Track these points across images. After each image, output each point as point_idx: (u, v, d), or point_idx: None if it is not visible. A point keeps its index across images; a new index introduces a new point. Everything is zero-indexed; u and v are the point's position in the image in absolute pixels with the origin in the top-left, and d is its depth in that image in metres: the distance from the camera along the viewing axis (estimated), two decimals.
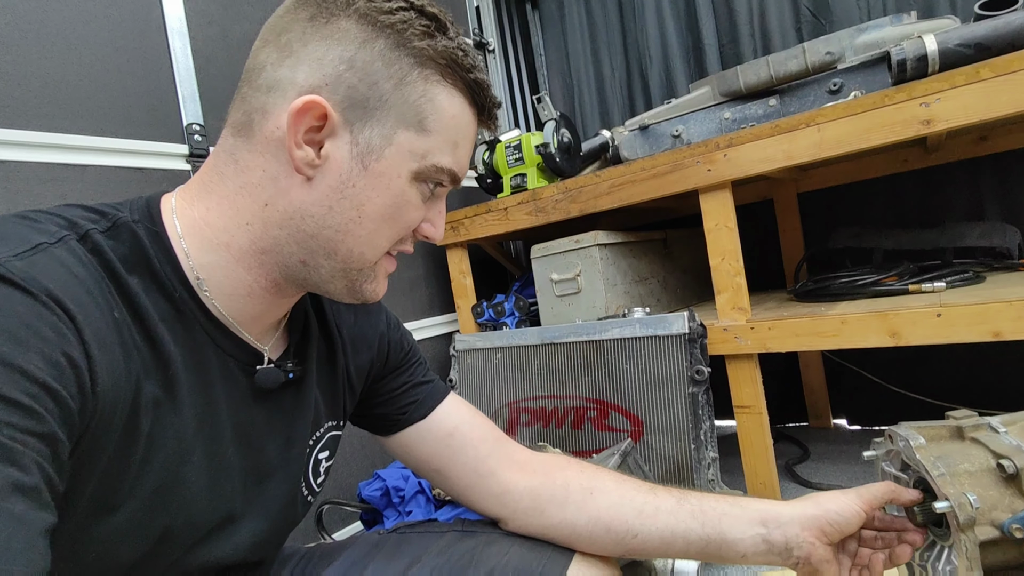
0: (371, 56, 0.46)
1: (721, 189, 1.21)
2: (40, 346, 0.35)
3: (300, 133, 0.45)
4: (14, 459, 0.32)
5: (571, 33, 2.16)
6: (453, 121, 0.50)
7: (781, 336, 1.17)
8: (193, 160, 1.25)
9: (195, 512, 0.49)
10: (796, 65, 1.20)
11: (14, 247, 0.38)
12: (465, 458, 0.64)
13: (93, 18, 1.12)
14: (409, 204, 0.50)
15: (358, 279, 0.51)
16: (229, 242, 0.48)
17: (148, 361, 0.44)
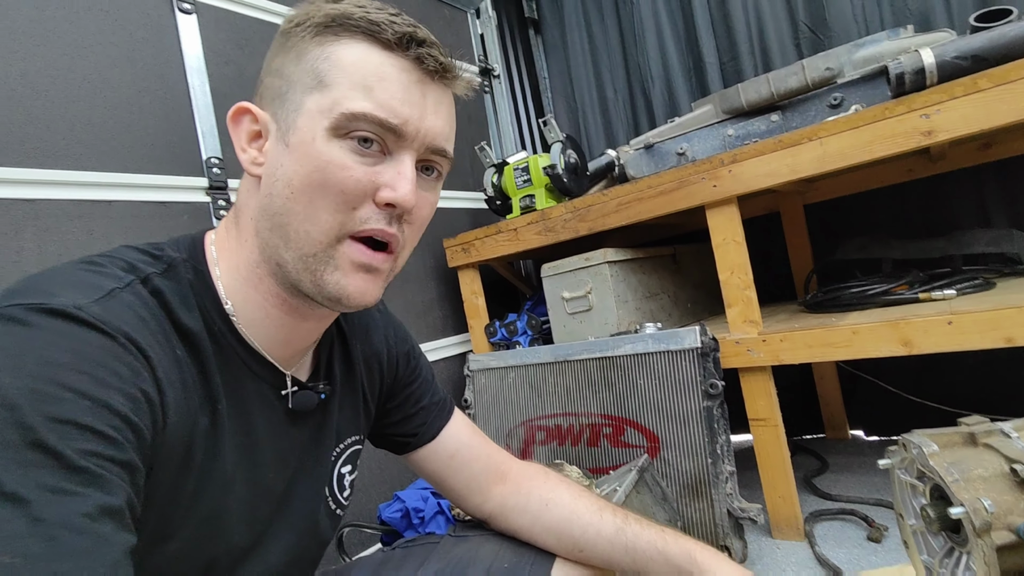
0: (281, 55, 0.50)
1: (728, 204, 1.23)
2: (120, 384, 0.39)
3: (242, 139, 0.51)
4: (102, 484, 0.35)
5: (574, 57, 2.21)
6: (354, 67, 0.47)
7: (793, 348, 1.17)
8: (212, 192, 1.29)
9: (235, 537, 0.51)
10: (796, 81, 1.22)
11: (90, 293, 0.41)
12: (461, 475, 0.71)
13: (117, 63, 1.17)
14: (332, 164, 0.47)
15: (317, 268, 0.48)
16: (238, 264, 0.52)
17: (202, 396, 0.47)
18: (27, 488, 0.33)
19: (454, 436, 0.72)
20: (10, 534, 0.32)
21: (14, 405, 0.34)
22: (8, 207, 1.00)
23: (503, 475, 0.73)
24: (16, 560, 0.31)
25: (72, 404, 0.36)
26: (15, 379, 0.35)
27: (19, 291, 0.40)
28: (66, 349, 0.38)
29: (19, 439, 0.34)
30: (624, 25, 2.07)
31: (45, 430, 0.35)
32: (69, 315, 0.39)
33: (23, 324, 0.38)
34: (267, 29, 1.46)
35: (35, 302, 0.39)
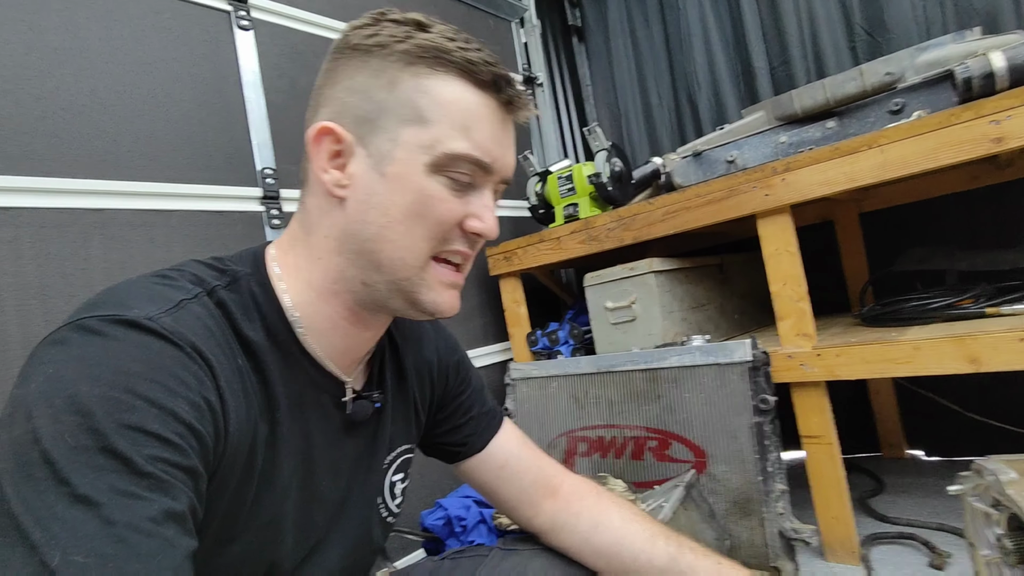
0: (364, 76, 0.50)
1: (780, 213, 1.20)
2: (186, 392, 0.41)
3: (323, 159, 0.51)
4: (167, 490, 0.37)
5: (617, 64, 2.19)
6: (454, 105, 0.49)
7: (850, 363, 1.13)
8: (265, 202, 1.33)
9: (292, 543, 0.53)
10: (854, 87, 1.18)
11: (161, 305, 0.44)
12: (511, 487, 0.71)
13: (179, 78, 1.22)
14: (433, 198, 0.50)
15: (411, 289, 0.52)
16: (310, 279, 0.53)
17: (262, 404, 0.49)
18: (99, 492, 0.35)
19: (504, 447, 0.72)
20: (84, 535, 0.33)
21: (90, 412, 0.36)
22: (79, 216, 1.05)
23: (554, 489, 0.72)
24: (89, 560, 0.33)
25: (142, 412, 0.38)
26: (92, 387, 0.37)
27: (97, 304, 0.43)
28: (138, 359, 0.40)
29: (92, 444, 0.36)
30: (670, 31, 2.04)
31: (117, 436, 0.36)
32: (141, 326, 0.41)
33: (100, 335, 0.40)
34: (319, 42, 1.50)
35: (110, 314, 0.41)
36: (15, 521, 0.33)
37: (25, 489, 0.34)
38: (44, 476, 0.34)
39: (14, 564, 0.32)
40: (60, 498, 0.34)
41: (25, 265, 0.99)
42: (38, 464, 0.35)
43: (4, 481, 0.35)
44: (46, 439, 0.35)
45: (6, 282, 0.96)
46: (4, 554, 0.33)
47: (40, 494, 0.34)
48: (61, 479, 0.34)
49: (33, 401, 0.37)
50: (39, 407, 0.36)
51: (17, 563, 0.32)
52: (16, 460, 0.35)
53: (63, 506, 0.34)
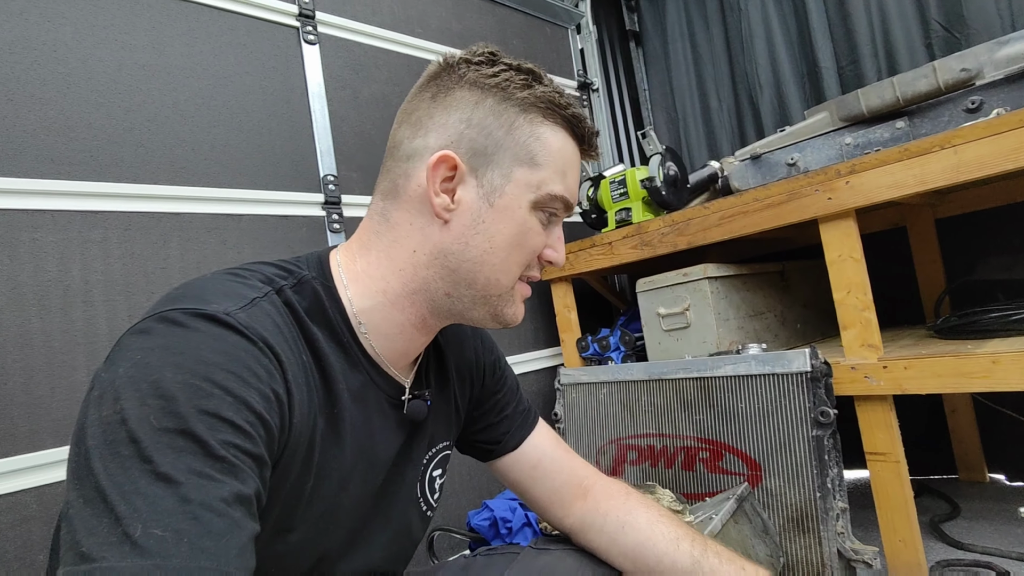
0: (483, 112, 0.54)
1: (844, 218, 1.15)
2: (257, 384, 0.44)
3: (437, 183, 0.54)
4: (237, 474, 0.40)
5: (676, 68, 2.16)
6: (559, 153, 0.56)
7: (920, 376, 1.06)
8: (327, 207, 1.39)
9: (343, 533, 0.56)
10: (926, 85, 1.11)
11: (237, 302, 0.47)
12: (543, 487, 0.72)
13: (252, 91, 1.30)
14: (532, 231, 0.57)
15: (498, 304, 0.58)
16: (386, 288, 0.56)
17: (323, 399, 0.52)
18: (178, 471, 0.37)
19: (537, 447, 0.73)
20: (163, 510, 0.36)
21: (173, 396, 0.39)
22: (159, 220, 1.14)
23: (586, 491, 0.73)
24: (167, 534, 0.35)
25: (219, 399, 0.41)
26: (175, 374, 0.40)
27: (178, 297, 0.46)
28: (217, 350, 0.43)
29: (174, 426, 0.38)
30: (731, 33, 2.00)
31: (196, 420, 0.39)
32: (220, 320, 0.44)
33: (182, 326, 0.43)
34: (379, 54, 1.56)
35: (192, 307, 0.44)
36: (102, 494, 0.36)
37: (112, 465, 0.37)
38: (130, 454, 0.37)
39: (100, 532, 0.35)
40: (143, 475, 0.37)
41: (113, 263, 1.08)
42: (124, 443, 0.38)
43: (93, 456, 0.38)
44: (132, 420, 0.38)
45: (96, 279, 1.06)
46: (91, 523, 0.36)
47: (125, 470, 0.37)
48: (145, 457, 0.37)
49: (121, 385, 0.40)
50: (127, 390, 0.39)
51: (103, 532, 0.35)
52: (104, 438, 0.38)
53: (146, 482, 0.36)
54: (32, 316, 0.99)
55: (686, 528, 0.70)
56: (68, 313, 1.02)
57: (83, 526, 0.36)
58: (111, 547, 0.34)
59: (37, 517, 0.95)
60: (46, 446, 0.96)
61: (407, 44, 1.62)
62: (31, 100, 1.03)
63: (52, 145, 1.04)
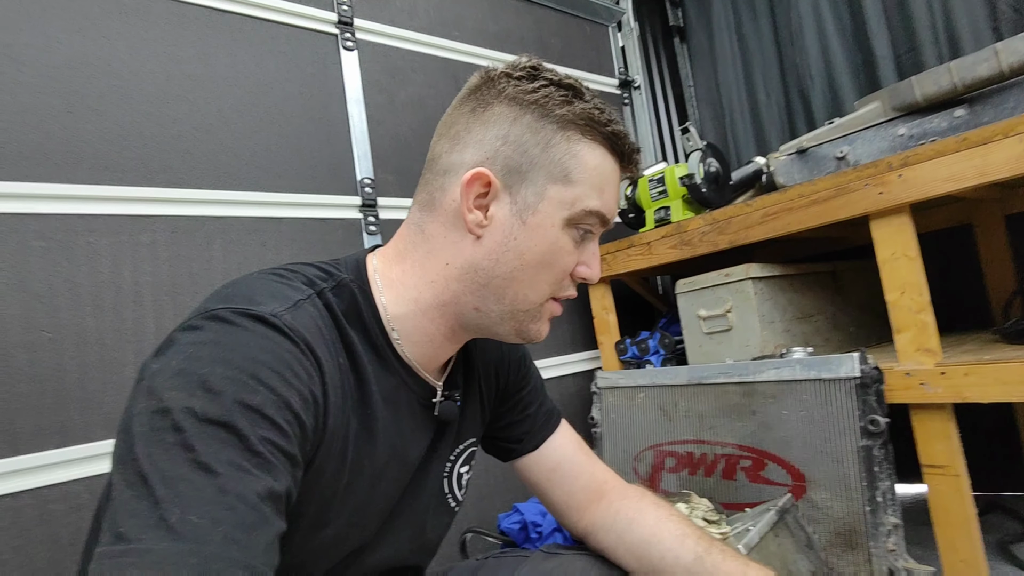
0: (521, 129, 0.54)
1: (897, 214, 1.07)
2: (298, 384, 0.45)
3: (471, 200, 0.54)
4: (271, 470, 0.41)
5: (722, 62, 2.09)
6: (596, 171, 0.56)
7: (982, 383, 0.98)
8: (364, 210, 1.42)
9: (373, 526, 0.57)
10: (987, 69, 1.03)
11: (283, 303, 0.48)
12: (561, 490, 0.71)
13: (292, 97, 1.34)
14: (562, 250, 0.56)
15: (524, 320, 0.58)
16: (417, 297, 0.57)
17: (357, 401, 0.53)
18: (219, 462, 0.39)
19: (557, 449, 0.73)
20: (201, 498, 0.37)
21: (220, 391, 0.41)
22: (203, 223, 1.19)
23: (602, 494, 0.72)
24: (203, 521, 0.36)
25: (263, 396, 0.42)
26: (224, 369, 0.42)
27: (228, 297, 0.48)
28: (264, 349, 0.44)
29: (217, 418, 0.40)
30: (779, 24, 1.91)
31: (238, 414, 0.40)
32: (267, 321, 0.46)
33: (232, 324, 0.45)
34: (416, 58, 1.58)
35: (241, 307, 0.46)
36: (143, 478, 0.38)
37: (155, 451, 0.39)
38: (173, 442, 0.39)
39: (140, 513, 0.37)
40: (185, 462, 0.38)
41: (160, 265, 1.13)
42: (169, 430, 0.39)
43: (137, 442, 0.39)
44: (178, 410, 0.40)
45: (145, 280, 1.11)
46: (131, 505, 0.37)
47: (168, 457, 0.38)
48: (187, 446, 0.39)
49: (170, 377, 0.41)
50: (176, 382, 0.41)
51: (143, 513, 0.37)
52: (150, 425, 0.40)
53: (187, 470, 0.38)
54: (87, 315, 1.04)
55: (694, 527, 0.68)
56: (120, 312, 1.08)
57: (123, 508, 0.37)
58: (148, 529, 0.36)
59: (88, 506, 1.00)
60: (98, 438, 1.02)
61: (443, 47, 1.63)
62: (89, 112, 1.09)
63: (107, 153, 1.10)
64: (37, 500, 0.96)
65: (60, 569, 0.96)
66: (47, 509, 0.96)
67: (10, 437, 0.95)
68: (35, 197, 1.02)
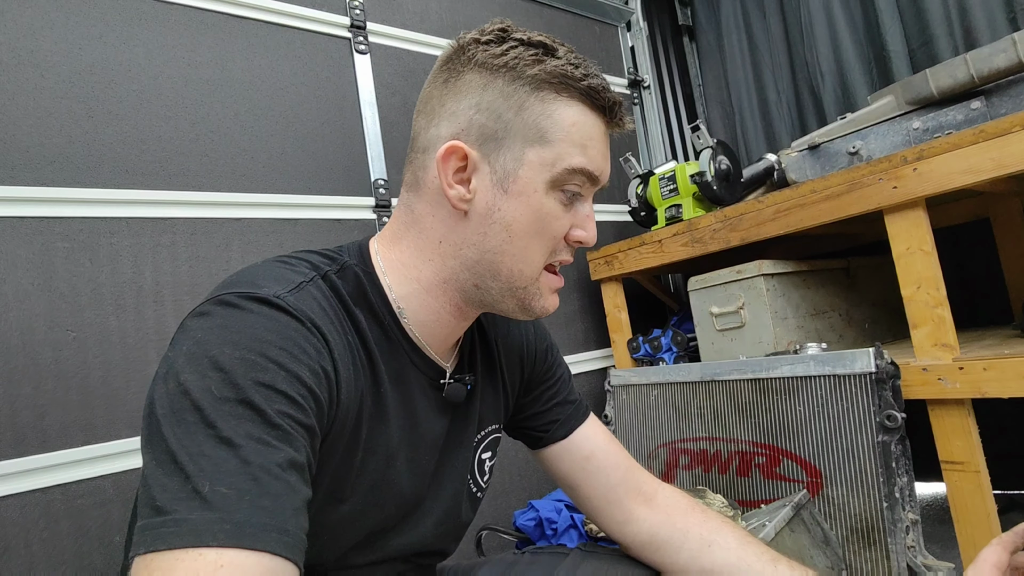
0: (492, 95, 0.52)
1: (912, 208, 1.07)
2: (308, 360, 0.46)
3: (449, 175, 0.54)
4: (291, 441, 0.42)
5: (731, 60, 2.09)
6: (575, 127, 0.53)
7: (1001, 378, 0.97)
8: (378, 210, 1.43)
9: (395, 507, 0.58)
10: (1005, 60, 1.02)
11: (285, 286, 0.50)
12: (596, 483, 0.69)
13: (306, 100, 1.36)
14: (550, 215, 0.54)
15: (525, 296, 0.56)
16: (419, 276, 0.57)
17: (368, 379, 0.54)
18: (239, 436, 0.40)
19: (589, 438, 0.71)
20: (227, 470, 0.39)
21: (231, 370, 0.42)
22: (222, 225, 1.21)
23: (648, 497, 0.69)
24: (231, 492, 0.38)
25: (273, 373, 0.43)
26: (233, 350, 0.43)
27: (233, 283, 0.50)
28: (270, 328, 0.46)
29: (233, 396, 0.42)
30: (789, 21, 1.91)
31: (253, 391, 0.42)
32: (271, 302, 0.47)
33: (238, 308, 0.46)
34: (428, 61, 1.59)
35: (245, 291, 0.47)
36: (172, 456, 0.40)
37: (179, 431, 0.40)
38: (194, 421, 0.41)
39: (172, 488, 0.39)
40: (208, 439, 0.40)
41: (180, 266, 1.15)
42: (189, 410, 0.41)
43: (163, 423, 0.41)
44: (195, 391, 0.42)
45: (165, 280, 1.13)
46: (163, 481, 0.39)
47: (192, 435, 0.40)
48: (208, 423, 0.40)
49: (184, 361, 0.43)
50: (189, 365, 0.43)
51: (174, 488, 0.39)
52: (171, 407, 0.42)
53: (210, 445, 0.40)
54: (110, 315, 1.07)
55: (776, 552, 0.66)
56: (141, 312, 1.10)
57: (157, 484, 0.39)
58: (181, 501, 0.38)
59: (114, 500, 1.02)
60: (122, 435, 1.04)
61: None
62: (109, 116, 1.12)
63: (127, 157, 1.12)
64: (65, 495, 0.98)
65: (87, 561, 0.98)
66: (74, 504, 0.98)
67: (40, 433, 0.97)
68: (59, 201, 1.04)
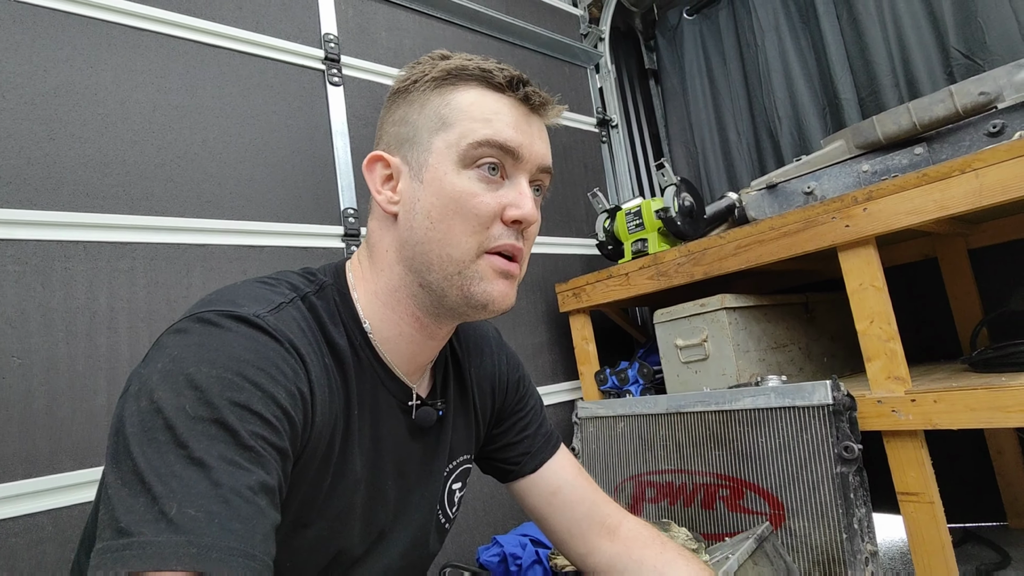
0: (404, 108, 0.57)
1: (863, 246, 1.12)
2: (284, 381, 0.46)
3: (377, 183, 0.57)
4: (263, 464, 0.42)
5: (694, 103, 2.18)
6: (474, 105, 0.54)
7: (952, 410, 1.00)
8: (347, 239, 1.43)
9: (358, 534, 0.56)
10: (943, 109, 1.09)
11: (265, 305, 0.50)
12: (562, 516, 0.69)
13: (277, 129, 1.37)
14: (465, 193, 0.53)
15: (463, 283, 0.54)
16: (376, 290, 0.58)
17: (342, 401, 0.53)
18: (211, 457, 0.39)
19: (558, 473, 0.72)
20: (196, 492, 0.38)
21: (207, 389, 0.41)
22: (185, 251, 1.19)
23: (611, 530, 0.70)
24: (199, 514, 0.37)
25: (249, 393, 0.43)
26: (209, 368, 0.43)
27: (212, 301, 0.49)
28: (247, 348, 0.45)
29: (207, 415, 0.41)
30: (748, 68, 2.01)
31: (227, 411, 0.41)
32: (250, 321, 0.47)
33: (216, 326, 0.46)
34: None
35: (225, 309, 0.47)
36: (140, 476, 0.38)
37: (149, 450, 0.39)
38: (166, 440, 0.40)
39: (137, 510, 0.37)
40: (179, 459, 0.39)
41: (138, 292, 1.12)
42: (161, 429, 0.40)
43: (132, 443, 0.40)
44: (168, 409, 0.41)
45: (121, 306, 1.10)
46: (129, 502, 0.38)
47: (162, 455, 0.39)
48: (180, 443, 0.39)
49: (159, 378, 0.42)
50: (164, 383, 0.42)
51: (140, 509, 0.37)
52: (142, 426, 0.41)
53: (181, 466, 0.39)
54: (59, 341, 1.03)
55: None
56: (93, 339, 1.06)
57: (121, 505, 0.38)
58: (148, 523, 0.37)
59: (52, 539, 0.96)
60: (65, 468, 0.99)
61: None
62: (71, 139, 1.10)
63: (88, 180, 1.10)
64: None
65: None
66: (7, 543, 0.93)
67: None
68: (12, 223, 1.01)
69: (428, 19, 1.74)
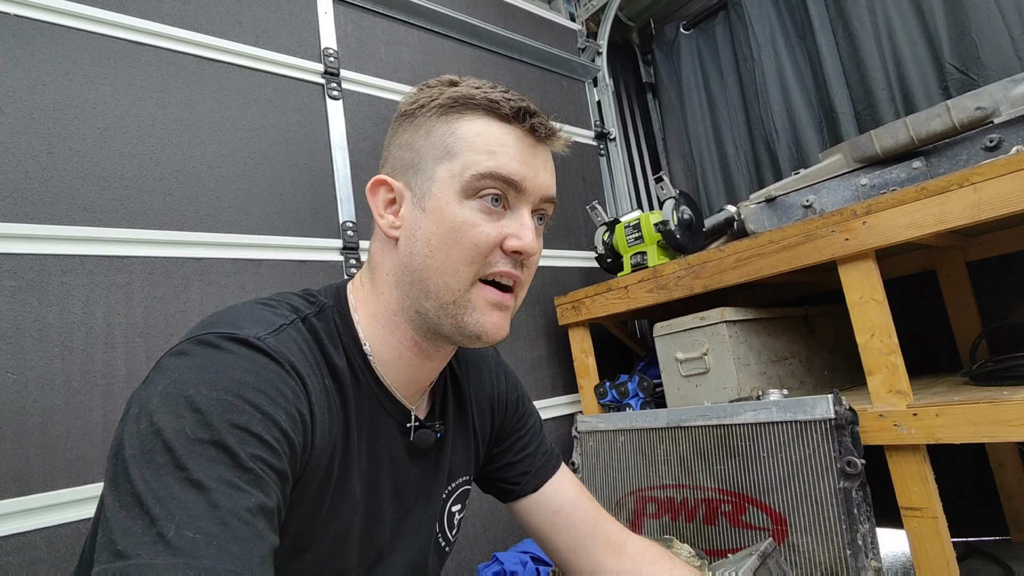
0: (410, 132, 0.57)
1: (863, 259, 1.12)
2: (285, 403, 0.46)
3: (380, 207, 0.57)
4: (262, 486, 0.41)
5: (691, 117, 2.19)
6: (479, 136, 0.54)
7: (953, 424, 1.00)
8: (345, 252, 1.42)
9: (357, 557, 0.56)
10: (940, 124, 1.10)
11: (266, 327, 0.50)
12: (566, 536, 0.69)
13: (276, 143, 1.37)
14: (467, 223, 0.53)
15: (457, 313, 0.54)
16: (375, 312, 0.58)
17: (341, 423, 0.53)
18: (210, 479, 0.39)
19: (559, 491, 0.71)
20: (195, 514, 0.37)
21: (207, 411, 0.41)
22: (182, 264, 1.18)
23: (616, 547, 0.70)
24: (198, 536, 0.37)
25: (249, 415, 0.43)
26: (210, 391, 0.42)
27: (213, 323, 0.49)
28: (248, 370, 0.45)
29: (207, 437, 0.40)
30: (745, 82, 2.02)
31: (227, 433, 0.41)
32: (251, 344, 0.47)
33: (217, 348, 0.46)
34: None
35: (226, 331, 0.47)
36: (138, 498, 0.38)
37: (148, 472, 0.39)
38: (165, 462, 0.40)
39: (135, 532, 0.37)
40: (177, 481, 0.39)
41: (135, 307, 1.11)
42: (160, 451, 0.40)
43: (131, 466, 0.40)
44: (168, 431, 0.40)
45: (118, 321, 1.09)
46: (127, 524, 0.37)
47: (161, 477, 0.39)
48: (179, 465, 0.39)
49: (159, 400, 0.42)
50: (164, 404, 0.42)
51: (138, 532, 0.37)
52: (141, 448, 0.40)
53: (179, 488, 0.38)
54: (55, 357, 1.02)
55: None
56: (89, 354, 1.05)
57: (119, 527, 0.37)
58: (145, 546, 0.36)
59: (45, 559, 0.95)
60: (59, 486, 0.97)
61: None
62: (70, 153, 1.09)
63: (86, 194, 1.10)
64: None
65: None
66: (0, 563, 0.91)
67: None
68: (8, 237, 1.01)
69: (427, 34, 1.75)
